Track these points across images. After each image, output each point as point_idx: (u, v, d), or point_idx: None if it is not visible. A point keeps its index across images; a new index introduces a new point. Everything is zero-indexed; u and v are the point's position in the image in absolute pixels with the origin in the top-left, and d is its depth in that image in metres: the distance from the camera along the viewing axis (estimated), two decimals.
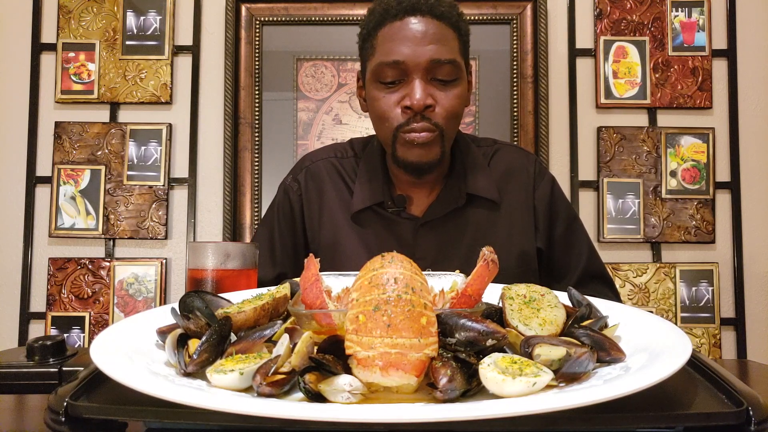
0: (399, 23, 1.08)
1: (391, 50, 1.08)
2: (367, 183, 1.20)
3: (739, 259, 2.12)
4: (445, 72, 1.08)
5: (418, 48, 1.06)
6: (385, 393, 0.51)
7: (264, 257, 1.23)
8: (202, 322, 0.60)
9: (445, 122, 1.10)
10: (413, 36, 1.07)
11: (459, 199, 1.18)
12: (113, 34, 2.16)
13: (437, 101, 1.09)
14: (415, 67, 1.07)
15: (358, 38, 1.18)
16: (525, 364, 0.50)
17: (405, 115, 1.09)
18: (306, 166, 1.28)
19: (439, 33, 1.08)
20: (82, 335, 2.07)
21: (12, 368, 0.77)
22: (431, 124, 1.08)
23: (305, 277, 0.61)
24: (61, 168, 2.12)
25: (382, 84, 1.10)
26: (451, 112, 1.10)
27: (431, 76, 1.08)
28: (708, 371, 0.56)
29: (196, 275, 0.96)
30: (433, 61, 1.07)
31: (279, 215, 1.26)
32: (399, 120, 1.09)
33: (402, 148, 1.11)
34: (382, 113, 1.11)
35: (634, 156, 2.13)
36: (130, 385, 0.48)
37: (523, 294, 0.65)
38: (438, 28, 1.08)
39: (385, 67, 1.08)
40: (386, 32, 1.09)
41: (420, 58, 1.06)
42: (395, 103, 1.09)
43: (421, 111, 1.07)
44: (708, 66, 2.15)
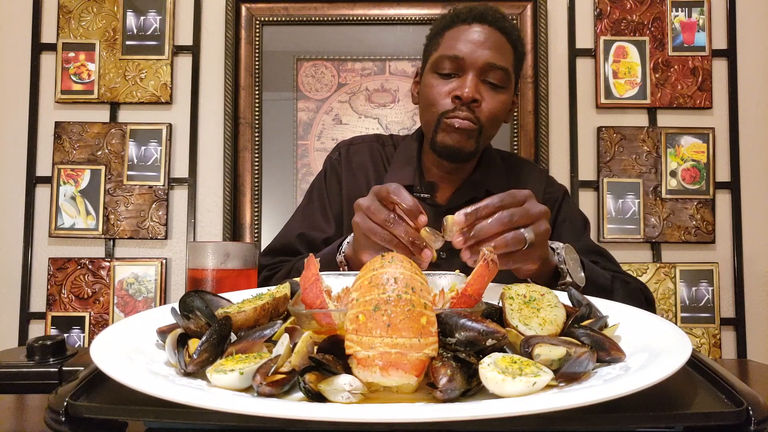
0: (466, 27, 1.20)
1: (453, 46, 1.19)
2: (401, 167, 1.31)
3: (739, 259, 2.12)
4: (496, 76, 1.19)
5: (477, 49, 1.18)
6: (385, 393, 0.51)
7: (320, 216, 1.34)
8: (202, 321, 0.60)
9: (486, 120, 1.19)
10: (476, 39, 1.19)
11: (479, 191, 1.28)
12: (113, 34, 2.16)
13: (484, 99, 1.18)
14: (471, 64, 1.18)
15: (426, 38, 1.31)
16: (525, 364, 0.50)
17: (453, 103, 1.18)
18: (349, 144, 1.41)
19: (499, 43, 1.20)
20: (82, 335, 2.07)
21: (12, 368, 0.77)
22: (474, 117, 1.18)
23: (305, 277, 0.61)
24: (61, 168, 2.12)
25: (439, 74, 1.21)
26: (494, 113, 1.20)
27: (483, 77, 1.19)
28: (708, 371, 0.56)
29: (196, 275, 0.96)
30: (488, 64, 1.17)
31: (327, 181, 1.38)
32: (446, 107, 1.19)
33: (442, 133, 1.20)
34: (432, 98, 1.21)
35: (634, 156, 2.13)
36: (130, 385, 0.48)
37: (523, 294, 0.65)
38: (499, 38, 1.20)
39: (445, 59, 1.19)
40: (453, 32, 1.22)
41: (478, 58, 1.17)
42: (446, 93, 1.19)
43: (469, 102, 1.17)
44: (708, 66, 2.15)
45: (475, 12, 1.21)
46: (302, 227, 1.33)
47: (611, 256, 1.32)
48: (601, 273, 1.09)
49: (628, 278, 1.23)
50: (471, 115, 1.17)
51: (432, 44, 1.26)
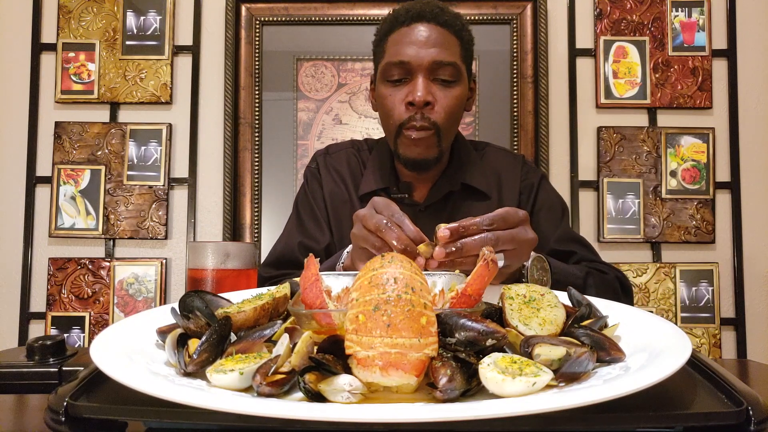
0: (407, 29, 1.20)
1: (398, 52, 1.19)
2: (376, 170, 1.33)
3: (739, 259, 2.12)
4: (446, 73, 1.19)
5: (421, 50, 1.17)
6: (385, 393, 0.51)
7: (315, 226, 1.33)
8: (202, 321, 0.60)
9: (442, 120, 1.19)
10: (418, 40, 1.18)
11: (454, 185, 1.29)
12: (113, 34, 2.16)
13: (437, 100, 1.19)
14: (418, 67, 1.17)
15: (372, 44, 1.30)
16: (525, 364, 0.50)
17: (408, 111, 1.19)
18: (325, 153, 1.42)
19: (442, 38, 1.19)
20: (82, 335, 2.07)
21: (12, 368, 0.77)
22: (429, 123, 1.18)
23: (305, 277, 0.61)
24: (61, 168, 2.12)
25: (389, 82, 1.21)
26: (449, 110, 1.20)
27: (433, 76, 1.19)
28: (708, 371, 0.56)
29: (196, 275, 0.96)
30: (435, 62, 1.17)
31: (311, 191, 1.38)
32: (402, 116, 1.19)
33: (403, 146, 1.22)
34: (388, 109, 1.21)
35: (634, 156, 2.13)
36: (130, 385, 0.48)
37: (522, 294, 0.65)
38: (441, 34, 1.19)
39: (393, 66, 1.19)
40: (395, 37, 1.21)
41: (423, 59, 1.17)
42: (400, 100, 1.19)
43: (422, 107, 1.17)
44: (708, 66, 2.15)
45: (413, 12, 1.20)
46: (301, 237, 1.33)
47: (589, 244, 1.33)
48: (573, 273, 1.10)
49: (604, 268, 1.23)
50: (426, 122, 1.17)
51: (378, 51, 1.26)
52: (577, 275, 1.10)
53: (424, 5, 1.21)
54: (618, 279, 1.22)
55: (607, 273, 1.21)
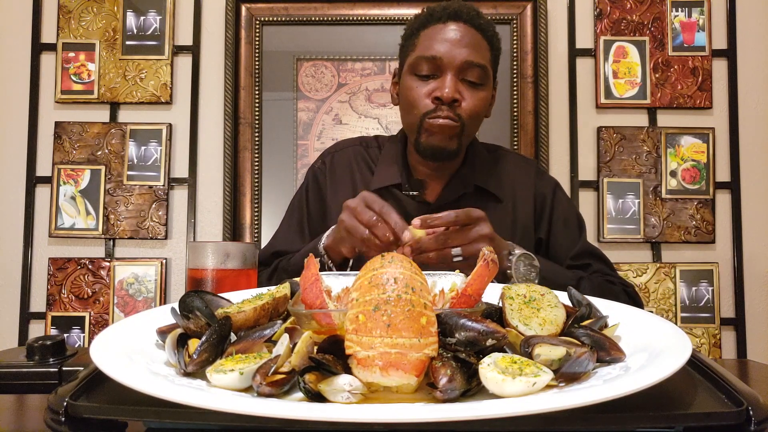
0: (441, 26, 1.20)
1: (430, 47, 1.19)
2: (387, 166, 1.32)
3: (739, 259, 2.12)
4: (475, 74, 1.19)
5: (454, 48, 1.17)
6: (385, 393, 0.51)
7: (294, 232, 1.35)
8: (202, 321, 0.60)
9: (467, 118, 1.20)
10: (452, 38, 1.18)
11: (468, 186, 1.29)
12: (113, 34, 2.16)
13: (464, 98, 1.19)
14: (449, 64, 1.17)
15: (402, 38, 1.30)
16: (525, 364, 0.50)
17: (434, 104, 1.19)
18: (333, 151, 1.41)
19: (475, 40, 1.19)
20: (82, 335, 2.07)
21: (12, 368, 0.77)
22: (455, 115, 1.18)
23: (305, 277, 0.61)
24: (61, 168, 2.12)
25: (417, 76, 1.21)
26: (474, 110, 1.20)
27: (462, 76, 1.19)
28: (708, 371, 0.56)
29: (196, 275, 0.96)
30: (466, 62, 1.17)
31: (308, 194, 1.38)
32: (428, 108, 1.19)
33: (425, 134, 1.21)
34: (413, 100, 1.21)
35: (634, 156, 2.13)
36: (130, 385, 0.48)
37: (523, 294, 0.65)
38: (475, 36, 1.20)
39: (423, 60, 1.19)
40: (429, 32, 1.21)
41: (455, 58, 1.17)
42: (426, 94, 1.19)
43: (449, 102, 1.17)
44: (708, 66, 2.15)
45: (450, 10, 1.20)
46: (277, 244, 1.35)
47: (606, 258, 1.32)
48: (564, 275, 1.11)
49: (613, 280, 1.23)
50: (452, 113, 1.18)
51: (408, 45, 1.26)
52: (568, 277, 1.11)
53: (462, 5, 1.21)
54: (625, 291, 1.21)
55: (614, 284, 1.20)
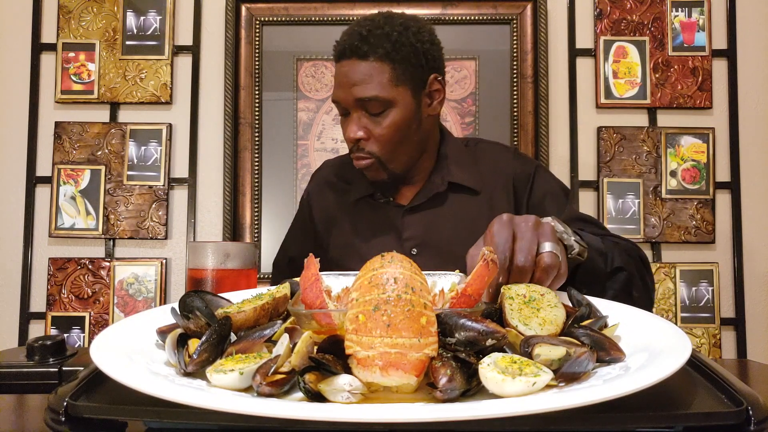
0: (338, 66, 1.23)
1: (334, 91, 1.24)
2: (359, 180, 1.36)
3: (739, 259, 2.12)
4: (372, 107, 1.20)
5: (345, 90, 1.21)
6: (385, 393, 0.51)
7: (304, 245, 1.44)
8: (202, 321, 0.60)
9: (379, 150, 1.23)
10: (343, 79, 1.21)
11: (441, 186, 1.30)
12: (113, 34, 2.16)
13: (371, 133, 1.22)
14: (347, 105, 1.22)
15: None
16: (525, 364, 0.50)
17: (351, 143, 1.25)
18: (315, 174, 1.50)
19: (364, 72, 1.19)
20: (82, 335, 2.07)
21: (12, 368, 0.77)
22: (365, 153, 1.23)
23: (305, 277, 0.61)
24: (61, 168, 2.12)
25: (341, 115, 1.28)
26: (384, 140, 1.22)
27: (364, 110, 1.21)
28: (708, 371, 0.56)
29: (196, 275, 0.96)
30: (358, 100, 1.20)
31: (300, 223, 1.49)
32: (349, 147, 1.26)
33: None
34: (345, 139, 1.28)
35: (634, 156, 2.13)
36: (130, 385, 0.48)
37: (522, 294, 0.65)
38: (363, 67, 1.19)
39: (334, 103, 1.26)
40: (335, 71, 1.25)
41: (347, 99, 1.21)
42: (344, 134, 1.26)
43: (356, 143, 1.23)
44: (708, 66, 2.15)
45: (339, 49, 1.22)
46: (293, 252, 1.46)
47: (596, 220, 1.31)
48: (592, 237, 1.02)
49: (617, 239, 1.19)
50: (362, 153, 1.23)
51: None
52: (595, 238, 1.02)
53: (349, 37, 1.21)
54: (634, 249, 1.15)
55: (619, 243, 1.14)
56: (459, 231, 1.28)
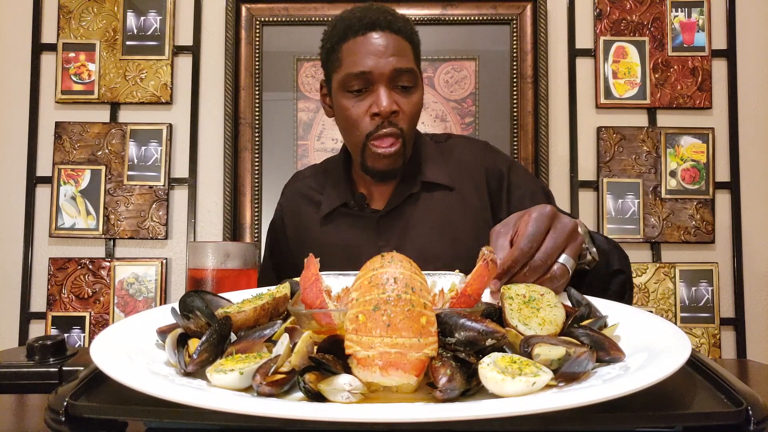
0: (362, 38, 1.18)
1: (356, 62, 1.18)
2: (332, 188, 1.34)
3: (738, 259, 2.12)
4: (405, 79, 1.19)
5: (381, 59, 1.17)
6: (384, 393, 0.51)
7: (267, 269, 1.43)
8: (202, 321, 0.60)
9: (407, 126, 1.21)
10: (376, 49, 1.17)
11: (413, 186, 1.28)
12: (113, 34, 2.16)
13: (401, 107, 1.19)
14: (379, 77, 1.17)
15: (321, 51, 1.28)
16: (524, 364, 0.50)
17: (374, 122, 1.19)
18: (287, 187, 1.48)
19: (399, 45, 1.19)
20: (83, 335, 2.07)
21: (12, 368, 0.77)
22: (397, 129, 1.19)
23: (305, 277, 0.61)
24: (61, 168, 2.12)
25: (349, 93, 1.20)
26: (413, 116, 1.22)
27: (394, 84, 1.19)
28: (707, 371, 0.56)
29: (196, 275, 0.96)
30: (396, 70, 1.17)
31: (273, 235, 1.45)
32: (368, 128, 1.19)
33: (371, 159, 1.22)
34: (352, 121, 1.21)
35: (633, 156, 2.14)
36: (130, 385, 0.48)
37: (522, 294, 0.65)
38: (397, 41, 1.19)
39: (353, 77, 1.18)
40: (350, 46, 1.19)
41: (384, 68, 1.17)
42: (364, 112, 1.19)
43: (388, 117, 1.18)
44: (708, 66, 2.15)
45: (366, 21, 1.19)
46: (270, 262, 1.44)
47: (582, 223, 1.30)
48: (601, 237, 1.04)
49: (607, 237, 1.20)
50: (395, 129, 1.18)
51: (331, 60, 1.23)
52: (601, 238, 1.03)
53: (377, 12, 1.20)
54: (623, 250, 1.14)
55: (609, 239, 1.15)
56: (436, 230, 1.26)
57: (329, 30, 1.25)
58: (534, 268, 0.74)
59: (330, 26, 1.25)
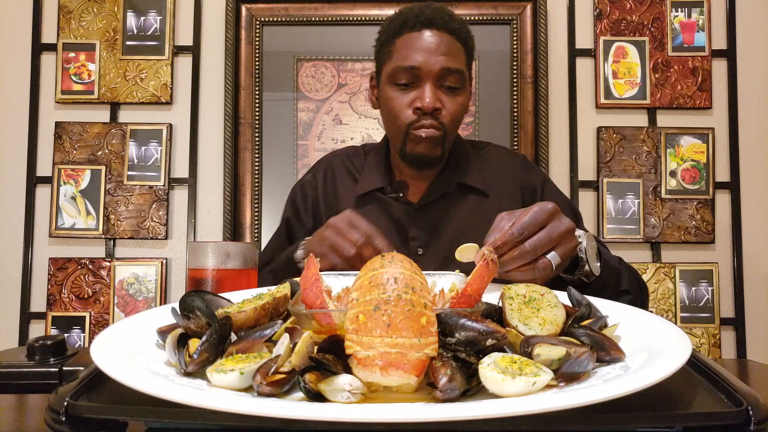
0: (417, 34, 1.21)
1: (407, 56, 1.20)
2: (371, 172, 1.35)
3: (738, 259, 2.12)
4: (452, 80, 1.21)
5: (431, 57, 1.19)
6: (385, 393, 0.51)
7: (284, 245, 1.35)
8: (203, 321, 0.60)
9: (449, 124, 1.23)
10: (428, 46, 1.20)
11: (450, 185, 1.31)
12: (113, 34, 2.16)
13: (444, 105, 1.21)
14: (427, 73, 1.20)
15: (376, 43, 1.31)
16: (525, 364, 0.50)
17: (416, 114, 1.21)
18: (321, 162, 1.45)
19: (450, 46, 1.21)
20: (83, 335, 2.07)
21: (12, 368, 0.77)
22: (438, 123, 1.21)
23: (305, 277, 0.61)
24: (61, 168, 2.12)
25: (396, 85, 1.23)
26: (455, 116, 1.23)
27: (440, 83, 1.21)
28: (708, 371, 0.56)
29: (197, 275, 0.96)
30: (444, 69, 1.19)
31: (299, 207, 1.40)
32: (410, 119, 1.22)
33: (411, 143, 1.24)
34: (395, 111, 1.24)
35: (633, 156, 2.14)
36: (131, 385, 0.48)
37: (522, 294, 0.65)
38: (450, 41, 1.21)
39: (401, 70, 1.21)
40: (404, 40, 1.22)
41: (433, 66, 1.19)
42: (407, 104, 1.22)
43: (431, 112, 1.20)
44: (708, 66, 2.15)
45: (423, 18, 1.21)
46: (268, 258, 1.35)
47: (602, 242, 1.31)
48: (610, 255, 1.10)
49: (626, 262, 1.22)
50: (435, 122, 1.20)
51: (384, 52, 1.27)
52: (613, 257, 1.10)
53: (435, 11, 1.22)
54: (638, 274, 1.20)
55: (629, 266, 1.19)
56: (465, 233, 1.27)
57: (386, 23, 1.28)
58: (521, 254, 0.79)
59: (387, 20, 1.29)
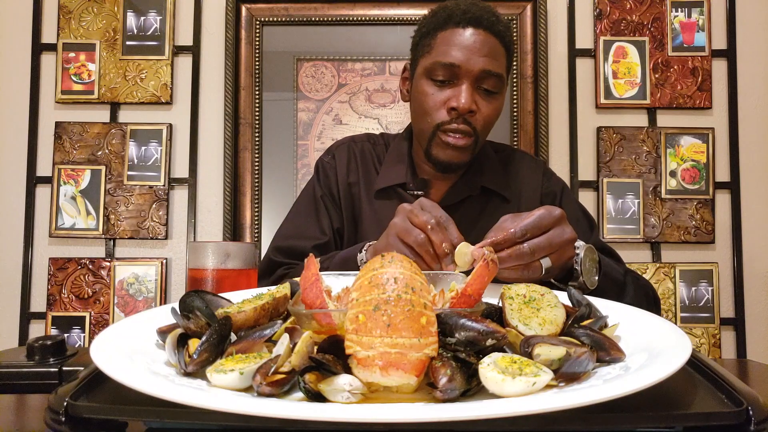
0: (461, 30, 1.16)
1: (448, 53, 1.15)
2: (393, 165, 1.30)
3: (738, 259, 2.12)
4: (491, 83, 1.16)
5: (473, 56, 1.14)
6: (385, 393, 0.51)
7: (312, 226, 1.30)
8: (202, 321, 0.60)
9: (481, 128, 1.18)
10: (471, 45, 1.14)
11: (473, 189, 1.27)
12: (113, 34, 2.16)
13: (479, 108, 1.16)
14: (466, 73, 1.14)
15: (415, 34, 1.26)
16: (525, 364, 0.50)
17: (448, 114, 1.16)
18: (341, 144, 1.38)
19: (494, 48, 1.16)
20: (83, 335, 2.07)
21: (12, 368, 0.77)
22: (470, 128, 1.16)
23: (305, 277, 0.61)
24: (61, 168, 2.12)
25: (432, 81, 1.18)
26: (489, 120, 1.19)
27: (478, 84, 1.16)
28: (708, 371, 0.56)
29: (197, 275, 0.96)
30: (484, 71, 1.14)
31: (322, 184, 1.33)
32: (442, 118, 1.17)
33: (437, 147, 1.19)
34: (427, 107, 1.18)
35: (633, 156, 2.14)
36: (130, 385, 0.48)
37: (523, 294, 0.65)
38: (494, 43, 1.16)
39: (440, 66, 1.15)
40: (447, 35, 1.16)
41: (474, 66, 1.14)
42: (442, 103, 1.17)
43: (465, 114, 1.15)
44: (708, 66, 2.15)
45: (470, 15, 1.16)
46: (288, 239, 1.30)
47: (619, 256, 1.30)
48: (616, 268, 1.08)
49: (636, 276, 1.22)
50: (467, 127, 1.16)
51: (423, 44, 1.21)
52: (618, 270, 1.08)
53: (482, 10, 1.17)
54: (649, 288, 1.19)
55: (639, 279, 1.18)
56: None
57: (429, 15, 1.23)
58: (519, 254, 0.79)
59: (431, 12, 1.23)
